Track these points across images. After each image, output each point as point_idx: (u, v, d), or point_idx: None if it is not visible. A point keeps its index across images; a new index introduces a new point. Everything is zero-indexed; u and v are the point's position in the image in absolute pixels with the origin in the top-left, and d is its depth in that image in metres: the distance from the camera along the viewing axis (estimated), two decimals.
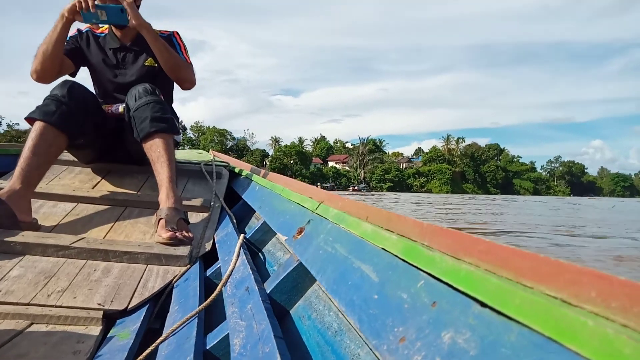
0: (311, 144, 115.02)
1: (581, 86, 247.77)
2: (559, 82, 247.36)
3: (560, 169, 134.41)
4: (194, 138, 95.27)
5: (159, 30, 2.21)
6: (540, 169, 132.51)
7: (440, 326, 0.48)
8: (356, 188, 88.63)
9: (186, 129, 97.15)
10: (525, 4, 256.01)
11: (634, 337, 0.30)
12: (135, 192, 2.17)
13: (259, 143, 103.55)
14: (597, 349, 0.32)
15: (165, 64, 2.11)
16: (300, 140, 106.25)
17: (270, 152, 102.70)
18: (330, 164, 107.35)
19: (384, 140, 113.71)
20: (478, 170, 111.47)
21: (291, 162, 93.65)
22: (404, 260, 0.63)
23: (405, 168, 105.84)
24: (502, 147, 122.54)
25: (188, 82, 2.22)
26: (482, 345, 0.41)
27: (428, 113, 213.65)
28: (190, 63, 2.27)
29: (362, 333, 0.64)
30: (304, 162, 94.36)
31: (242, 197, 2.28)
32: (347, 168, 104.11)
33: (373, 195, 47.20)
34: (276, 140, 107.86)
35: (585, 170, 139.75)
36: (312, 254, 0.97)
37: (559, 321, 0.36)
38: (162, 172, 1.81)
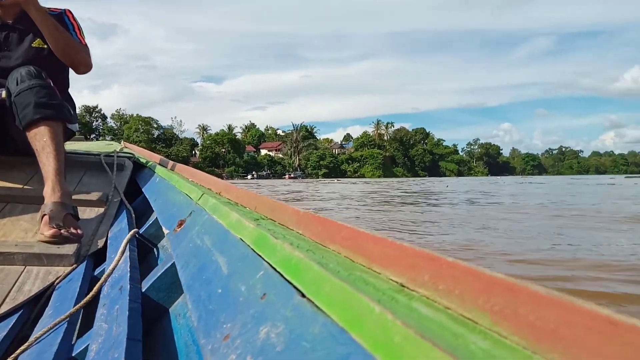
0: (241, 131, 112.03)
1: (492, 72, 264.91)
2: (473, 69, 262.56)
3: (479, 150, 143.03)
4: (115, 127, 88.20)
5: (48, 8, 2.05)
6: (461, 152, 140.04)
7: (261, 320, 0.47)
8: (292, 176, 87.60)
9: (106, 117, 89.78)
10: None
11: (421, 324, 0.31)
12: (21, 187, 1.99)
13: (186, 132, 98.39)
14: (376, 338, 0.31)
15: (56, 46, 1.96)
16: (230, 128, 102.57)
17: (199, 141, 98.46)
18: (263, 151, 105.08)
19: (314, 127, 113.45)
20: (407, 154, 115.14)
21: (223, 150, 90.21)
22: (253, 250, 0.62)
23: (338, 154, 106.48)
24: (427, 131, 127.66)
25: (83, 66, 2.08)
26: (289, 339, 0.40)
27: (351, 99, 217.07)
28: (86, 45, 2.11)
29: (195, 332, 0.62)
30: (237, 151, 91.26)
31: (142, 190, 2.16)
32: (280, 155, 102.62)
33: (321, 182, 46.37)
34: (204, 129, 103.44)
35: (500, 152, 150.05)
36: (183, 248, 0.95)
37: (351, 309, 0.36)
38: (47, 164, 1.68)
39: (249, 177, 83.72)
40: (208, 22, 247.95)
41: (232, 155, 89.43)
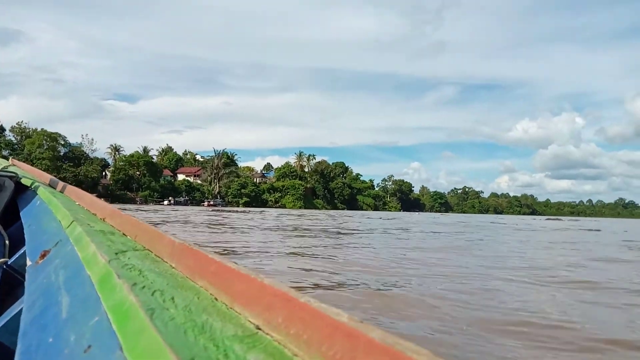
0: (157, 154, 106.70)
1: (404, 114, 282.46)
2: (387, 109, 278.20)
3: (393, 186, 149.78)
4: (15, 142, 79.41)
5: None
6: (376, 187, 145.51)
7: None
8: (211, 203, 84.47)
9: (4, 129, 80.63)
10: (361, 36, 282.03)
11: None
12: None
13: (97, 152, 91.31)
14: None
15: None
16: (146, 150, 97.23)
17: (111, 162, 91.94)
18: (181, 176, 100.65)
19: (235, 154, 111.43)
20: (327, 186, 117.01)
21: (138, 173, 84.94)
22: (97, 291, 0.58)
23: (259, 183, 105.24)
24: (346, 165, 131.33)
25: None
26: None
27: (271, 129, 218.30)
28: None
29: None
30: (153, 174, 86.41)
31: (20, 214, 2.00)
32: (199, 181, 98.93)
33: (242, 211, 44.73)
34: (116, 149, 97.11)
35: (412, 189, 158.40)
36: (38, 284, 0.86)
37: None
38: None
39: (166, 202, 79.25)
40: (124, 38, 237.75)
41: (147, 178, 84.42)
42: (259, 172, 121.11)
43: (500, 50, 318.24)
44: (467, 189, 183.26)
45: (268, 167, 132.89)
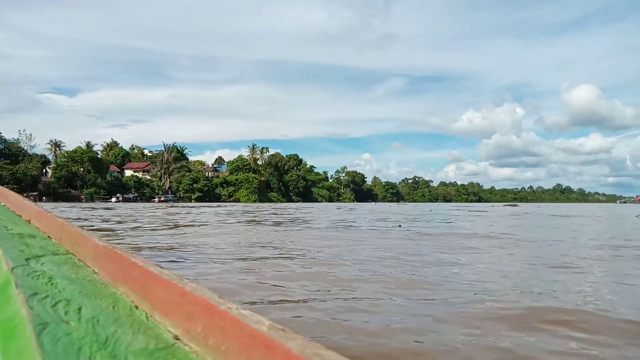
0: (102, 149, 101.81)
1: (354, 106, 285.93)
2: (338, 101, 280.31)
3: (346, 178, 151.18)
4: None
5: None
6: (330, 179, 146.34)
7: None
8: (162, 199, 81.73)
9: None
10: (310, 28, 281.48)
11: None
12: None
13: (36, 148, 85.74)
14: None
15: None
16: (89, 145, 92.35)
17: (51, 158, 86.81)
18: (128, 172, 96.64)
19: (185, 148, 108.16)
20: (282, 179, 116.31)
21: (82, 170, 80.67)
22: None
23: (212, 177, 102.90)
24: (300, 157, 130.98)
25: None
26: None
27: (221, 122, 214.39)
28: None
29: None
30: (99, 171, 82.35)
31: None
32: (148, 177, 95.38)
33: (194, 206, 43.55)
34: (56, 145, 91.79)
35: (365, 179, 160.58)
36: None
37: None
38: None
39: (114, 199, 75.81)
40: (61, 28, 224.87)
41: (92, 175, 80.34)
42: (210, 166, 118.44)
43: (446, 43, 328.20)
44: (417, 179, 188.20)
45: (220, 160, 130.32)
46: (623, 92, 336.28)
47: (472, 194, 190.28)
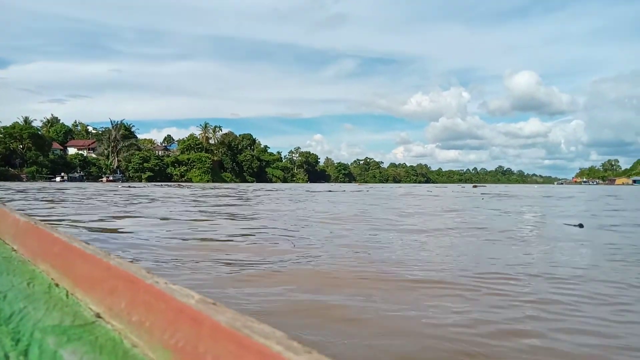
0: (41, 125, 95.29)
1: (306, 86, 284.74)
2: (289, 81, 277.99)
3: (299, 158, 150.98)
4: None
5: None
6: (284, 159, 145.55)
7: None
8: (111, 179, 78.10)
9: None
10: (259, 4, 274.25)
11: None
12: None
13: None
14: None
15: None
16: (27, 121, 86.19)
17: None
18: (72, 150, 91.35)
19: (133, 125, 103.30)
20: (235, 159, 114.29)
21: (21, 147, 75.33)
22: None
23: (162, 156, 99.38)
24: (254, 137, 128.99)
25: None
26: None
27: (167, 100, 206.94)
28: None
29: None
30: (40, 148, 77.19)
31: None
32: (94, 155, 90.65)
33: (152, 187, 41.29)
34: None
35: (319, 160, 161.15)
36: None
37: None
38: None
39: (58, 179, 71.47)
40: None
41: (34, 152, 75.23)
42: (160, 144, 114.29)
43: (396, 26, 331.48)
44: (368, 160, 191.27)
45: (169, 139, 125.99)
46: (560, 79, 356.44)
47: (421, 175, 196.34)
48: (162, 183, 66.91)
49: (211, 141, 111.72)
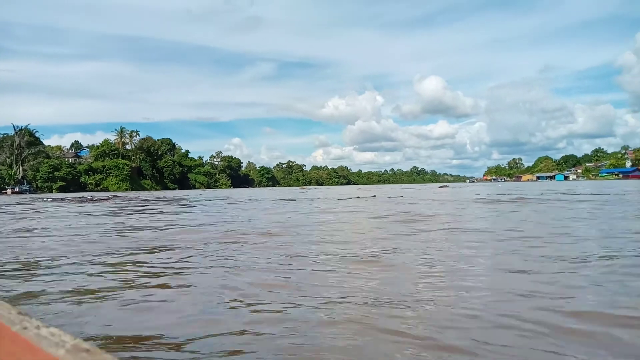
0: None
1: (223, 89, 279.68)
2: (205, 84, 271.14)
3: (222, 163, 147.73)
4: None
5: None
6: (205, 164, 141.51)
7: None
8: (17, 190, 70.71)
9: None
10: (171, 4, 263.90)
11: None
12: None
13: None
14: None
15: None
16: None
17: None
18: None
19: (36, 131, 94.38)
20: (155, 165, 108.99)
21: None
22: None
23: (74, 164, 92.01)
24: (173, 142, 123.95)
25: None
26: None
27: (70, 103, 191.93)
28: None
29: None
30: None
31: None
32: None
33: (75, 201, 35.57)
34: None
35: (241, 164, 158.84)
36: None
37: None
38: None
39: None
40: None
41: None
42: (69, 151, 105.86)
43: (312, 30, 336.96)
44: (291, 163, 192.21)
45: (77, 145, 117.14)
46: (464, 84, 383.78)
47: (342, 177, 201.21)
48: (75, 196, 61.45)
49: (128, 147, 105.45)
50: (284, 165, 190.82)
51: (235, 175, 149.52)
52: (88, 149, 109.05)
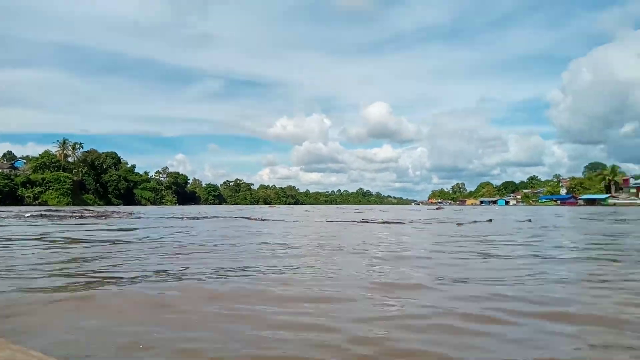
0: None
1: (168, 104, 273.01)
2: (149, 97, 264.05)
3: (168, 179, 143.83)
4: None
5: None
6: (151, 180, 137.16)
7: None
8: None
9: None
10: (116, 15, 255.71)
11: None
12: None
13: None
14: None
15: None
16: None
17: None
18: None
19: None
20: (99, 179, 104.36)
21: None
22: None
23: (10, 175, 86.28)
24: (119, 156, 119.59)
25: None
26: None
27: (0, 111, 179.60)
28: None
29: None
30: None
31: None
32: None
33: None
34: None
35: (188, 181, 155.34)
36: None
37: None
38: None
39: None
40: None
41: None
42: (3, 162, 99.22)
43: (262, 50, 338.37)
44: (239, 181, 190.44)
45: (11, 156, 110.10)
46: (407, 110, 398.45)
47: (290, 196, 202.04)
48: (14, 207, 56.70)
49: (70, 159, 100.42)
50: (231, 183, 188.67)
51: (182, 191, 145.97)
52: (24, 160, 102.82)
